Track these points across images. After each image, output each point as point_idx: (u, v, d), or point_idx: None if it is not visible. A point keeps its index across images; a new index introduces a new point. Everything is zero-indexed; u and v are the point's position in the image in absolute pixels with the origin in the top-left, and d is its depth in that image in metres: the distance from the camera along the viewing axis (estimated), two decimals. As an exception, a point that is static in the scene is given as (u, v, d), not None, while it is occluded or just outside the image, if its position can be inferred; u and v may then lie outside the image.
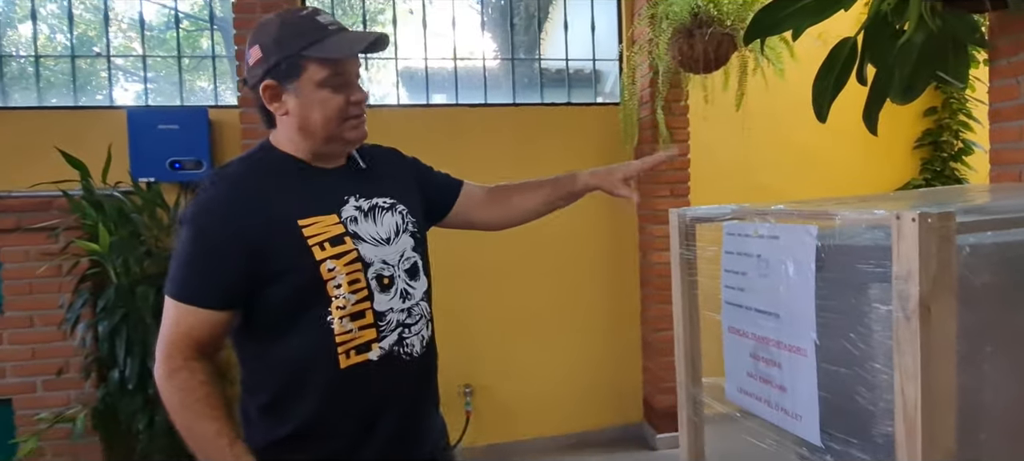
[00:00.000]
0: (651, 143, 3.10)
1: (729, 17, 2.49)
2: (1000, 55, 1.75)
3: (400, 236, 1.17)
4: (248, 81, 1.12)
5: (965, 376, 1.02)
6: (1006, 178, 1.81)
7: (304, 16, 1.09)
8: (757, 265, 1.22)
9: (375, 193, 1.17)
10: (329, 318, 1.06)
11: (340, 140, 1.12)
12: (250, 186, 1.08)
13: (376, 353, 1.10)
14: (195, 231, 1.04)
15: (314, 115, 1.08)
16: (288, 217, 1.06)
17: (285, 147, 1.13)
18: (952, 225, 0.84)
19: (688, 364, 1.53)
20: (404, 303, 1.14)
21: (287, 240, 1.04)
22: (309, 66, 1.06)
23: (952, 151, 3.26)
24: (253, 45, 1.09)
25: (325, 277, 1.05)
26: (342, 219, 1.10)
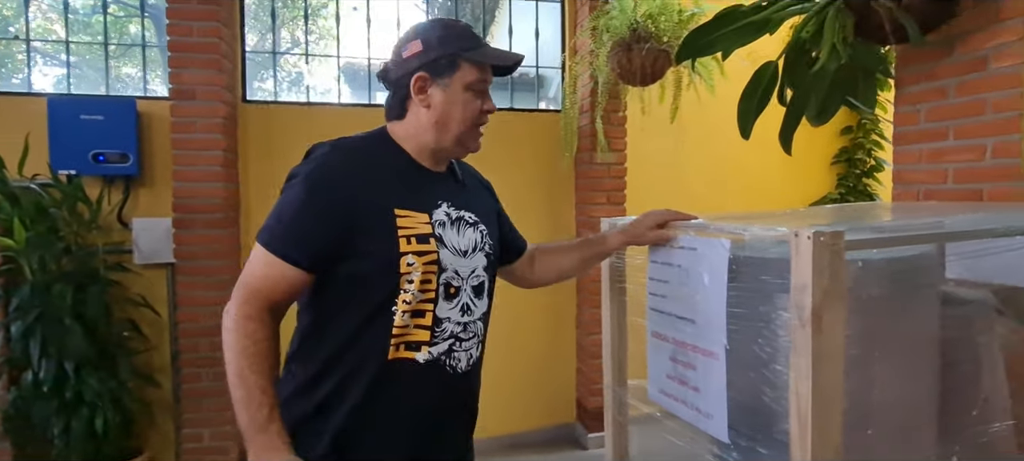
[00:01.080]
0: (590, 151, 3.19)
1: (665, 34, 2.60)
2: (904, 84, 1.91)
3: (476, 253, 1.21)
4: (394, 71, 1.18)
5: (856, 378, 1.12)
6: (907, 197, 1.97)
7: (463, 25, 1.20)
8: (678, 274, 1.30)
9: (464, 206, 1.22)
10: (393, 309, 1.09)
11: (463, 145, 1.20)
12: (363, 163, 1.13)
13: (424, 355, 1.12)
14: (307, 190, 1.07)
15: (455, 113, 1.16)
16: (387, 202, 1.11)
17: (403, 140, 1.19)
18: (841, 243, 0.94)
19: (615, 367, 1.60)
20: (463, 317, 1.17)
21: (380, 223, 1.09)
22: (463, 67, 1.15)
23: (865, 168, 3.52)
24: (413, 40, 1.16)
25: (402, 269, 1.08)
26: (432, 220, 1.14)
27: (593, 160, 3.17)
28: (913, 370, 1.19)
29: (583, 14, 3.19)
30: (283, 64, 4.31)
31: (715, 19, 1.77)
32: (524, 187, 3.38)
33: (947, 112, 1.75)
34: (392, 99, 1.21)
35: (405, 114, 1.19)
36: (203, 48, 2.70)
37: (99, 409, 2.40)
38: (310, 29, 3.99)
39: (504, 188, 3.39)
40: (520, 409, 3.41)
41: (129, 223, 2.78)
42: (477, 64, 1.16)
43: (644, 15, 2.57)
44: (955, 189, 1.76)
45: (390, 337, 1.09)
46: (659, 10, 2.53)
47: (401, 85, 1.17)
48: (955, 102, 1.73)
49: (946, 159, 1.77)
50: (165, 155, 2.77)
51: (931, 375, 1.19)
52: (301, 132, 3.02)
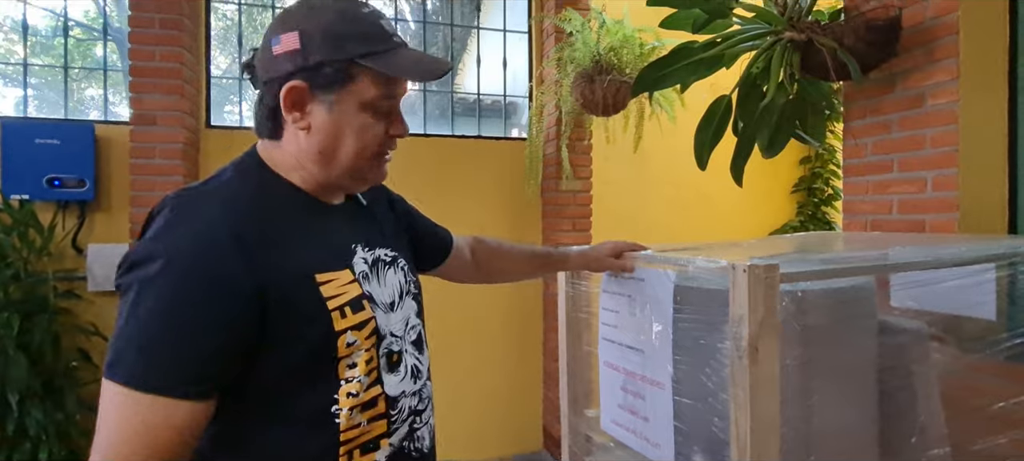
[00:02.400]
0: (555, 178, 3.23)
1: (627, 66, 2.66)
2: (851, 118, 1.98)
3: (404, 300, 0.94)
4: (262, 73, 0.84)
5: (797, 407, 1.15)
6: (856, 226, 2.03)
7: (368, 14, 0.84)
8: (627, 304, 1.31)
9: (378, 242, 0.94)
10: (335, 408, 0.80)
11: (360, 178, 0.89)
12: (249, 215, 0.78)
13: (385, 452, 0.86)
14: (178, 281, 0.70)
15: (346, 140, 0.83)
16: (301, 267, 0.79)
17: (283, 169, 0.86)
18: (776, 275, 0.96)
19: (571, 396, 1.60)
20: (415, 384, 0.91)
21: (298, 300, 0.77)
22: (361, 79, 0.81)
23: (823, 196, 3.62)
24: (290, 31, 0.80)
25: (341, 353, 0.80)
26: (356, 276, 0.85)
27: (559, 187, 3.20)
28: (853, 398, 1.22)
29: (549, 45, 3.25)
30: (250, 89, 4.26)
31: (670, 54, 1.82)
32: (491, 214, 3.40)
33: (891, 146, 1.82)
34: (260, 110, 0.86)
35: (280, 134, 0.85)
36: (165, 73, 2.68)
37: (43, 443, 2.31)
38: (280, 54, 3.97)
39: (471, 215, 3.42)
40: (486, 436, 3.38)
41: (84, 249, 2.72)
42: (382, 76, 0.83)
43: (606, 48, 2.63)
44: (900, 219, 1.82)
45: (338, 445, 0.81)
46: (621, 43, 2.59)
47: (270, 93, 0.83)
48: (898, 136, 1.80)
49: (891, 191, 1.84)
50: (123, 180, 2.72)
51: (870, 403, 1.22)
52: (265, 157, 3.00)
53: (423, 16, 3.59)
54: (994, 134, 1.62)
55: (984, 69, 1.60)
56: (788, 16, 1.68)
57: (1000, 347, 1.30)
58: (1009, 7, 1.60)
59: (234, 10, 3.24)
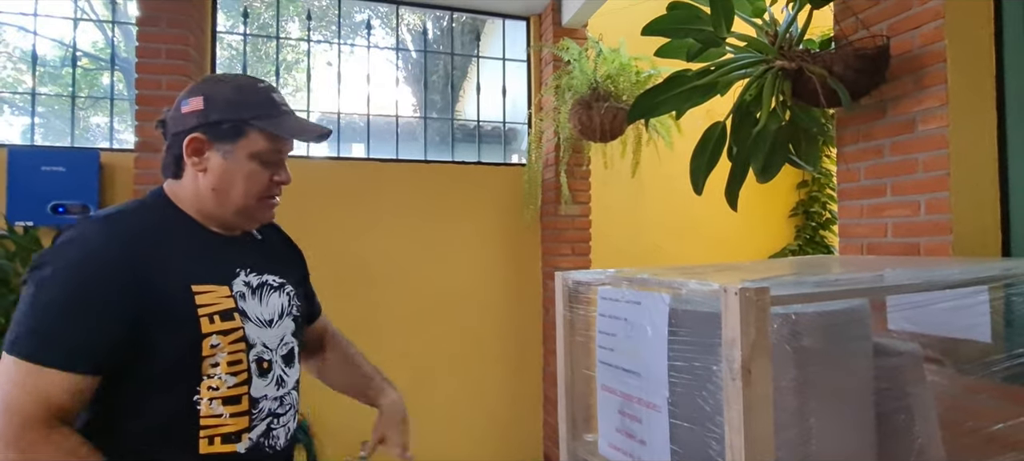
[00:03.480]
0: (554, 203, 3.26)
1: (624, 93, 2.70)
2: (844, 142, 2.01)
3: (283, 319, 1.12)
4: (171, 125, 1.06)
5: (794, 429, 1.15)
6: (852, 250, 2.05)
7: (262, 89, 1.08)
8: (624, 327, 1.32)
9: (266, 269, 1.12)
10: (196, 398, 0.98)
11: (249, 217, 1.10)
12: (144, 235, 0.99)
13: (245, 444, 1.02)
14: (72, 279, 0.91)
15: (236, 184, 1.05)
16: (181, 278, 0.99)
17: (184, 203, 1.07)
18: (767, 298, 0.98)
19: (569, 420, 1.60)
20: (278, 391, 1.08)
21: (174, 304, 0.97)
22: (251, 134, 1.04)
23: (821, 220, 3.64)
24: (196, 95, 1.04)
25: (205, 353, 0.97)
26: (232, 292, 1.04)
27: (558, 212, 3.23)
28: (850, 420, 1.22)
29: (547, 73, 3.31)
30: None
31: (665, 82, 1.86)
32: (490, 238, 3.42)
33: (884, 170, 1.85)
34: (167, 155, 1.07)
35: (181, 174, 1.07)
36: (171, 101, 2.72)
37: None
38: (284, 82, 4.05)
39: (471, 239, 3.45)
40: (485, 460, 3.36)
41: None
42: (269, 134, 1.05)
43: (603, 75, 2.68)
44: (894, 242, 1.84)
45: (198, 431, 0.97)
46: (618, 71, 2.64)
47: (176, 143, 1.04)
48: (890, 161, 1.83)
49: (885, 214, 1.86)
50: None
51: (867, 425, 1.23)
52: (268, 184, 3.05)
53: (424, 45, 3.66)
54: (984, 158, 1.65)
55: (972, 95, 1.64)
56: (779, 45, 1.72)
57: (996, 368, 1.31)
58: (994, 36, 1.64)
59: (239, 41, 3.31)
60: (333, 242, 3.14)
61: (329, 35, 3.45)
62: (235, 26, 3.28)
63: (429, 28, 4.02)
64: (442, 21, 3.93)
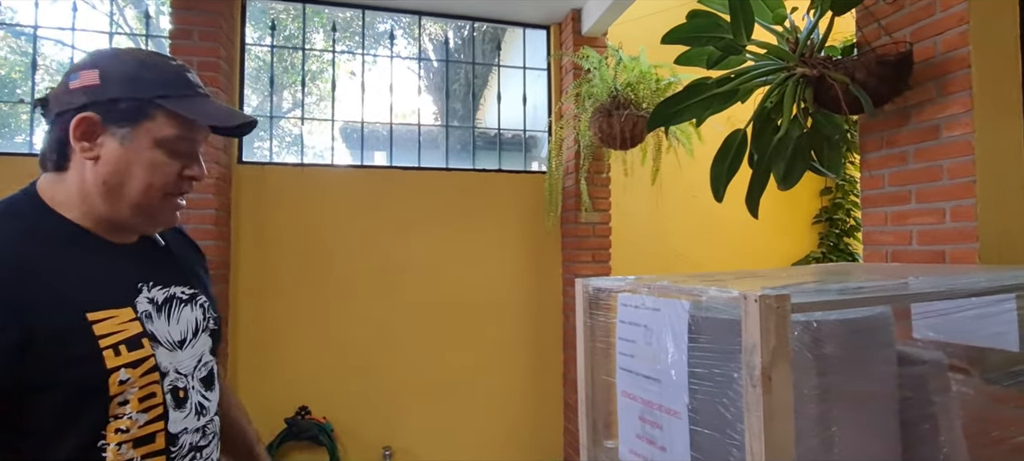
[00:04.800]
0: (575, 210, 3.27)
1: (644, 100, 2.71)
2: (867, 149, 2.00)
3: (198, 336, 0.96)
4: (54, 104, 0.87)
5: (815, 437, 1.15)
6: (876, 258, 2.03)
7: (174, 65, 0.91)
8: (644, 334, 1.34)
9: (172, 280, 0.95)
10: (102, 443, 0.80)
11: (150, 218, 0.91)
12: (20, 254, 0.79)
13: None
14: None
15: (135, 175, 0.86)
16: (74, 307, 0.80)
17: (63, 205, 0.87)
18: (787, 305, 0.99)
19: (589, 427, 1.62)
20: (198, 421, 0.93)
21: (66, 339, 0.78)
22: (157, 116, 0.87)
23: (845, 227, 3.60)
24: (89, 69, 0.86)
25: (112, 392, 0.80)
26: (138, 314, 0.86)
27: (578, 220, 3.25)
28: (874, 428, 1.22)
29: (568, 81, 3.34)
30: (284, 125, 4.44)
31: (685, 90, 1.87)
32: (511, 246, 3.45)
33: (908, 177, 1.84)
34: (47, 142, 0.88)
35: (66, 166, 0.87)
36: (201, 112, 2.80)
37: None
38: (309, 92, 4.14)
39: (492, 246, 3.48)
40: (507, 469, 3.37)
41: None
42: (179, 117, 0.87)
43: (623, 83, 2.69)
44: (919, 250, 1.82)
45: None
46: (637, 79, 2.65)
47: (60, 123, 0.85)
48: (914, 167, 1.81)
49: (909, 221, 1.84)
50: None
51: (890, 434, 1.22)
52: (293, 192, 3.11)
53: (446, 54, 3.71)
54: (1011, 164, 1.63)
55: (998, 101, 1.62)
56: (800, 52, 1.72)
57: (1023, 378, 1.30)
58: (1020, 41, 1.62)
59: (266, 52, 3.39)
60: (355, 249, 3.20)
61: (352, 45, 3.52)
62: (262, 38, 3.37)
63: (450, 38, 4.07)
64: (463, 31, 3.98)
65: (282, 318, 3.08)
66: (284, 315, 3.08)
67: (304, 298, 3.11)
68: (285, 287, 3.09)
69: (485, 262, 3.38)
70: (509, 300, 3.42)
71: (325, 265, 3.14)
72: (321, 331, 3.12)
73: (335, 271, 3.16)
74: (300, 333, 3.10)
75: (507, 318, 3.42)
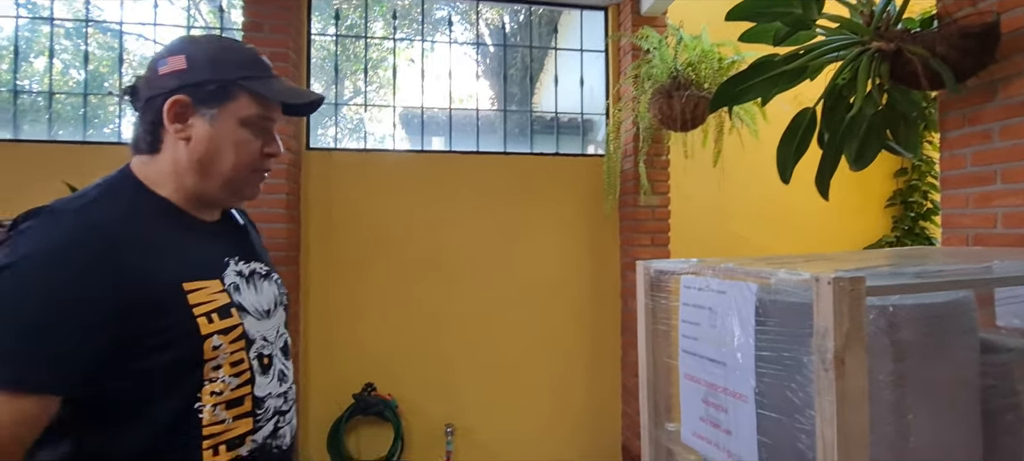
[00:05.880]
0: (633, 194, 3.24)
1: (706, 81, 2.65)
2: (948, 127, 1.90)
3: (277, 309, 1.03)
4: (144, 90, 0.92)
5: (891, 424, 1.13)
6: (955, 241, 1.93)
7: (248, 49, 0.98)
8: (709, 317, 1.33)
9: (252, 256, 1.03)
10: (198, 406, 0.86)
11: (236, 192, 0.98)
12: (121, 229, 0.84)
13: (248, 447, 0.92)
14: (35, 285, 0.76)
15: (224, 153, 0.93)
16: (170, 276, 0.86)
17: (156, 184, 0.93)
18: (862, 287, 0.96)
19: (651, 408, 1.62)
20: (281, 386, 0.99)
21: (165, 308, 0.84)
22: (241, 97, 0.93)
23: (921, 210, 3.42)
24: (176, 54, 0.91)
25: (207, 356, 0.86)
26: (226, 286, 0.92)
27: (637, 203, 3.22)
28: (953, 417, 1.17)
29: (626, 62, 3.29)
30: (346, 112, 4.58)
31: (750, 68, 1.82)
32: (569, 230, 3.46)
33: (993, 156, 1.73)
34: (140, 126, 0.93)
35: (159, 148, 0.93)
36: (272, 102, 2.94)
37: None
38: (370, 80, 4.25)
39: (550, 230, 3.50)
40: (564, 451, 3.41)
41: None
42: (259, 97, 0.94)
43: (684, 63, 2.64)
44: (1005, 233, 1.72)
45: (201, 442, 0.86)
46: (699, 59, 2.60)
47: (152, 108, 0.91)
48: (1000, 146, 1.71)
49: (994, 203, 1.74)
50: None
51: (971, 423, 1.17)
52: (356, 176, 3.22)
53: (503, 39, 3.73)
54: (1113, 142, 1.52)
55: (1099, 73, 1.51)
56: (875, 25, 1.64)
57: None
58: None
59: (329, 42, 3.51)
60: (415, 232, 3.28)
61: (411, 33, 3.59)
62: (326, 28, 3.48)
63: (507, 22, 4.08)
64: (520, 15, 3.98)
65: (348, 297, 3.21)
66: (350, 295, 3.21)
67: (368, 279, 3.22)
68: (350, 268, 3.21)
69: (543, 246, 3.41)
70: (567, 284, 3.44)
71: (387, 247, 3.25)
72: (385, 311, 3.23)
73: (397, 253, 3.25)
74: (365, 312, 3.22)
75: (565, 302, 3.44)
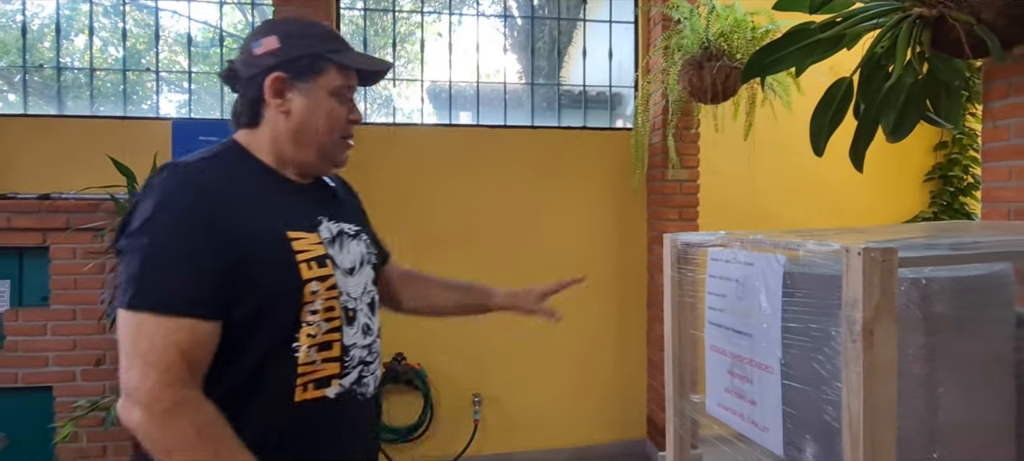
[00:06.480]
0: (661, 167, 3.21)
1: (738, 51, 2.59)
2: (991, 98, 1.83)
3: (363, 267, 1.10)
4: (244, 70, 1.02)
5: (921, 398, 1.11)
6: (996, 216, 1.88)
7: (327, 27, 1.09)
8: (735, 288, 1.32)
9: (342, 217, 1.11)
10: (295, 345, 0.95)
11: (329, 157, 1.08)
12: (227, 184, 0.96)
13: (334, 390, 1.00)
14: (177, 223, 0.88)
15: (318, 121, 1.03)
16: (276, 226, 0.97)
17: (260, 153, 1.04)
18: (894, 258, 0.95)
19: (676, 380, 1.63)
20: (365, 339, 1.07)
21: (274, 251, 0.95)
22: (329, 70, 1.03)
23: (961, 185, 3.30)
24: (268, 35, 1.01)
25: (306, 299, 0.95)
26: (322, 240, 1.02)
27: (665, 177, 3.19)
28: (985, 393, 1.15)
29: (656, 34, 3.23)
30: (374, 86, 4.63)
31: (784, 37, 1.77)
32: (596, 203, 3.44)
33: (1039, 127, 1.67)
34: (242, 103, 1.04)
35: (259, 121, 1.03)
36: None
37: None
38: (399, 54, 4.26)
39: (577, 204, 3.50)
40: (589, 423, 3.45)
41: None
42: (343, 68, 1.04)
43: (716, 33, 2.58)
44: (1049, 208, 1.66)
45: (295, 378, 0.96)
46: (731, 28, 2.54)
47: (253, 86, 1.01)
48: (1048, 117, 1.65)
49: (1039, 177, 1.68)
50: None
51: (1005, 399, 1.15)
52: (386, 150, 3.25)
53: (531, 11, 3.69)
54: None
55: None
56: (917, -9, 1.58)
57: None
58: None
59: (359, 15, 3.52)
60: (442, 205, 3.31)
61: (439, 6, 3.58)
62: (354, 3, 3.49)
63: (535, -6, 4.04)
64: (548, -14, 3.93)
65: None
66: (379, 268, 3.26)
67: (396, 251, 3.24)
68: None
69: (570, 220, 3.41)
70: (594, 258, 3.44)
71: (415, 220, 3.28)
72: (413, 284, 3.28)
73: (425, 226, 3.29)
74: (393, 285, 3.27)
75: (592, 275, 3.41)
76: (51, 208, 2.87)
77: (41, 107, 3.28)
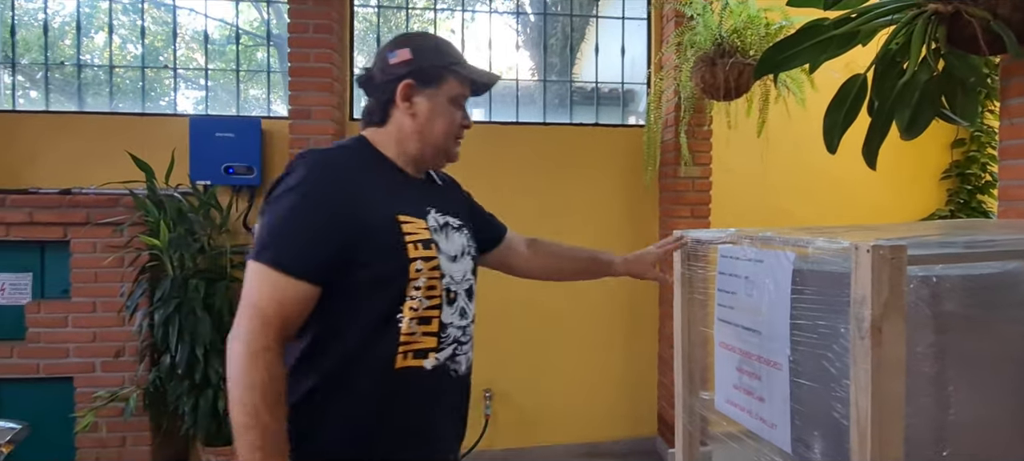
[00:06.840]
0: (674, 165, 3.20)
1: (751, 47, 2.58)
2: (1008, 95, 1.81)
3: (464, 257, 1.23)
4: (380, 77, 1.19)
5: (930, 396, 1.11)
6: (1013, 214, 1.85)
7: (449, 42, 1.26)
8: (744, 285, 1.33)
9: (448, 211, 1.24)
10: (399, 316, 1.09)
11: (444, 154, 1.24)
12: (354, 170, 1.13)
13: (431, 362, 1.13)
14: (306, 199, 1.04)
15: (438, 124, 1.19)
16: (389, 209, 1.11)
17: (384, 148, 1.20)
18: (903, 256, 0.95)
19: (686, 376, 1.63)
20: (461, 321, 1.19)
21: (385, 231, 1.09)
22: (450, 80, 1.20)
23: (979, 183, 3.26)
24: (402, 48, 1.18)
25: (411, 276, 1.09)
26: (429, 226, 1.16)
27: (677, 174, 3.18)
28: (996, 392, 1.15)
29: (669, 30, 3.22)
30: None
31: (798, 33, 1.76)
32: (608, 201, 3.44)
33: (1057, 125, 1.65)
34: (374, 105, 1.21)
35: (387, 121, 1.20)
36: (318, 72, 3.02)
37: (222, 391, 2.72)
38: (410, 51, 4.26)
39: (589, 202, 3.49)
40: (600, 419, 3.45)
41: (252, 227, 3.14)
42: (462, 79, 1.21)
43: (729, 30, 2.57)
44: (1067, 207, 1.64)
45: (397, 346, 1.09)
46: (745, 24, 2.52)
47: (387, 91, 1.18)
48: (1066, 115, 1.62)
49: (1056, 175, 1.66)
50: (283, 168, 3.11)
51: (1017, 398, 1.15)
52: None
53: (543, 8, 3.69)
54: None
55: None
56: (932, -13, 1.57)
57: None
58: None
59: (373, 13, 3.55)
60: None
61: (452, 3, 3.59)
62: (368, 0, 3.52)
63: (548, -10, 4.04)
64: (561, -18, 3.93)
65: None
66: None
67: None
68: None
69: (582, 216, 3.41)
70: (605, 254, 3.43)
71: (428, 217, 3.30)
72: (425, 279, 3.30)
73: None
74: (406, 280, 3.30)
75: (602, 274, 3.44)
76: (72, 203, 2.93)
77: (62, 104, 3.34)
